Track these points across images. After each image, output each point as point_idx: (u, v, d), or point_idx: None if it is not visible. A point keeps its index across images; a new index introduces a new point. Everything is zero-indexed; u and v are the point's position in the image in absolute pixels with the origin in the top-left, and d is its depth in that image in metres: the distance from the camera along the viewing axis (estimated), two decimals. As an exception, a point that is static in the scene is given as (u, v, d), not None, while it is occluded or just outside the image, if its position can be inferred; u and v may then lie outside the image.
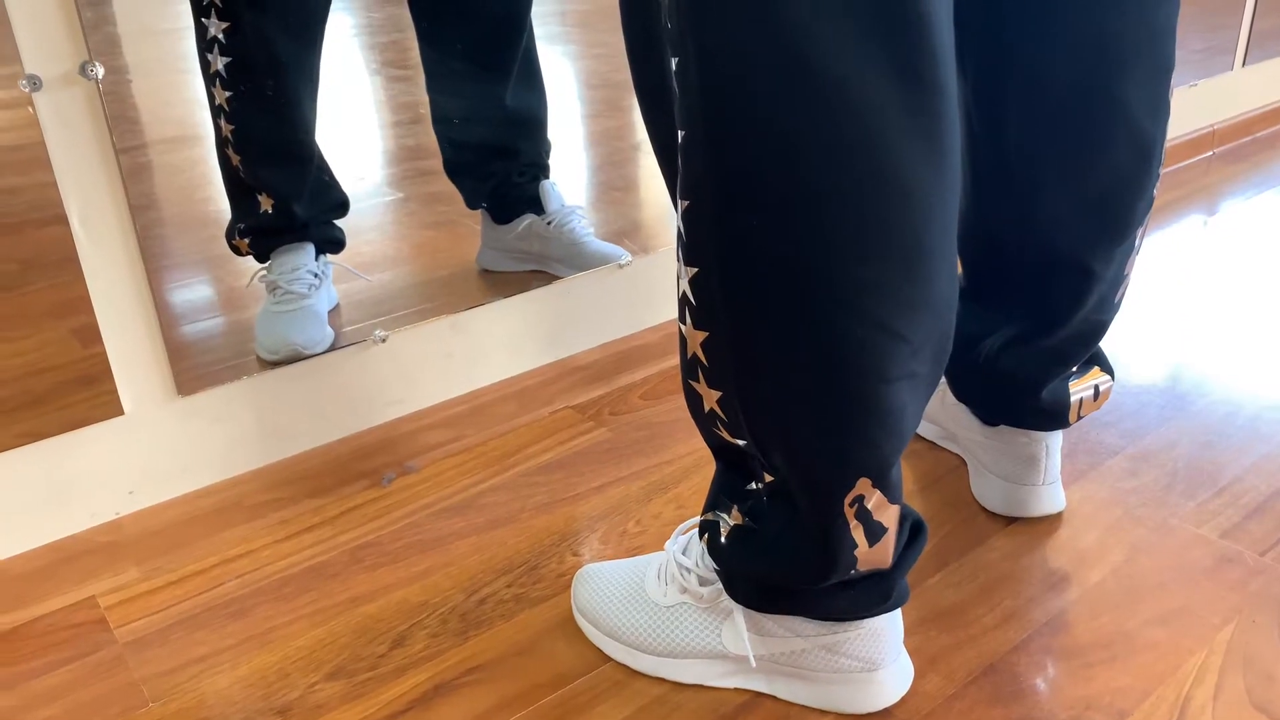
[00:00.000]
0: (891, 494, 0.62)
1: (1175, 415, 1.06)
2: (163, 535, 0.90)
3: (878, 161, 0.52)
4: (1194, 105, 1.84)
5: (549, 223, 1.44)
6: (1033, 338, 0.81)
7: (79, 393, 0.96)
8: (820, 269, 0.55)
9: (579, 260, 1.44)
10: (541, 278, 1.26)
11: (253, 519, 0.93)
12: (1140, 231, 0.77)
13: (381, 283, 1.50)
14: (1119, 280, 0.79)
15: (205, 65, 1.19)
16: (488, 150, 1.40)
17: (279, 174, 1.25)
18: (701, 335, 0.60)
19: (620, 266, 1.15)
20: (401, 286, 1.49)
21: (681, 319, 0.62)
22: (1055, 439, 0.88)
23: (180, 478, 0.90)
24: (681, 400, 1.14)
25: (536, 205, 1.44)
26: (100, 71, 0.76)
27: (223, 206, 1.23)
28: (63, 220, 0.80)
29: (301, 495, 0.96)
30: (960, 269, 0.84)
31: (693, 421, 0.67)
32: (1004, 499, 0.90)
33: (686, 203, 0.59)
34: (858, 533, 0.62)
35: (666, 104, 0.61)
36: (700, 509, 0.93)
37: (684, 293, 0.61)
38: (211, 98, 1.22)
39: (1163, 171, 1.81)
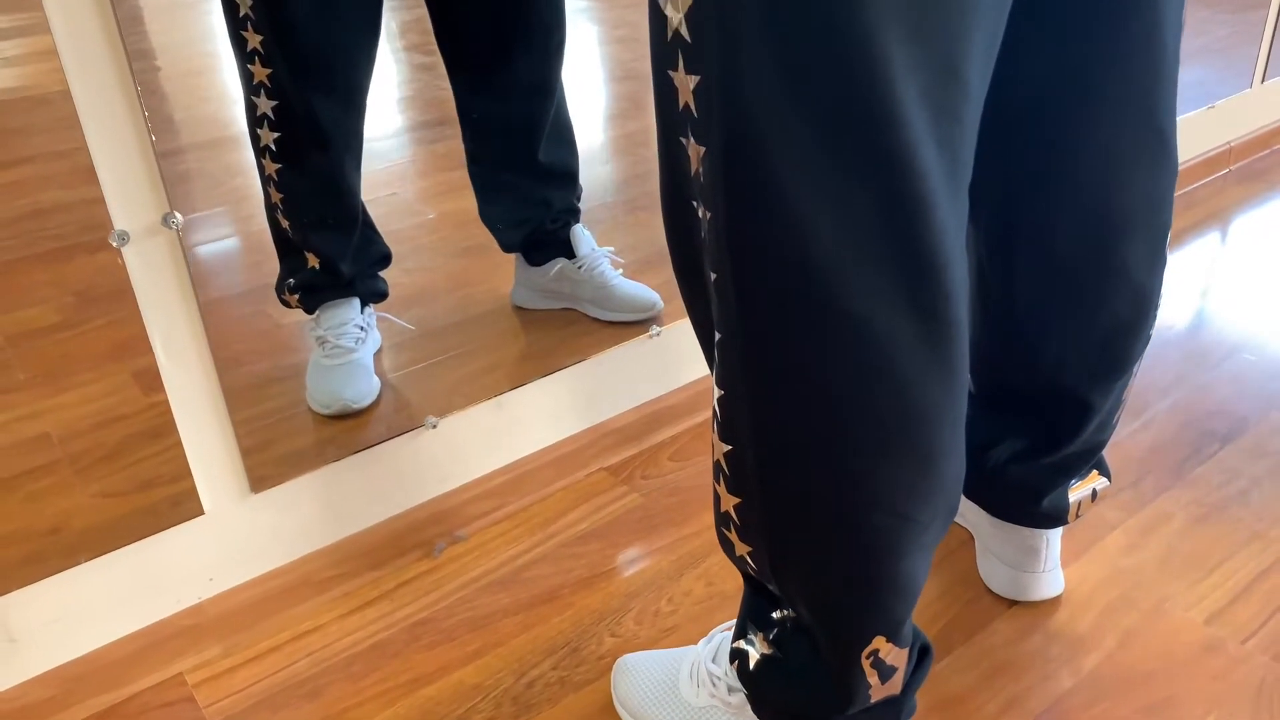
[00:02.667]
0: (903, 642, 0.70)
1: (1172, 485, 1.13)
2: (240, 615, 0.99)
3: (898, 387, 0.59)
4: (1212, 125, 1.87)
5: (579, 267, 1.51)
6: (1036, 454, 0.88)
7: (165, 499, 1.05)
8: (846, 472, 0.62)
9: (609, 302, 1.51)
10: (577, 353, 1.33)
11: (319, 594, 1.02)
12: (1138, 364, 0.83)
13: (421, 322, 1.57)
14: (1118, 405, 0.86)
15: (255, 139, 1.26)
16: (521, 201, 1.46)
17: (325, 237, 1.32)
18: (734, 500, 0.68)
19: (651, 337, 1.22)
20: (441, 327, 1.56)
21: (716, 478, 0.70)
22: (1056, 531, 0.95)
23: (253, 562, 0.99)
24: (707, 463, 1.21)
25: (568, 249, 1.50)
26: (180, 220, 0.82)
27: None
28: (148, 351, 0.87)
29: (362, 569, 1.05)
30: (971, 382, 0.91)
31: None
32: (1007, 583, 0.98)
33: (721, 392, 0.66)
34: (872, 676, 0.70)
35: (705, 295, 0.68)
36: (725, 584, 1.01)
37: (718, 460, 0.68)
38: (261, 169, 1.29)
39: (1178, 193, 1.85)
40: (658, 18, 0.61)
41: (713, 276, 0.63)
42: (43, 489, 1.23)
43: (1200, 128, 1.84)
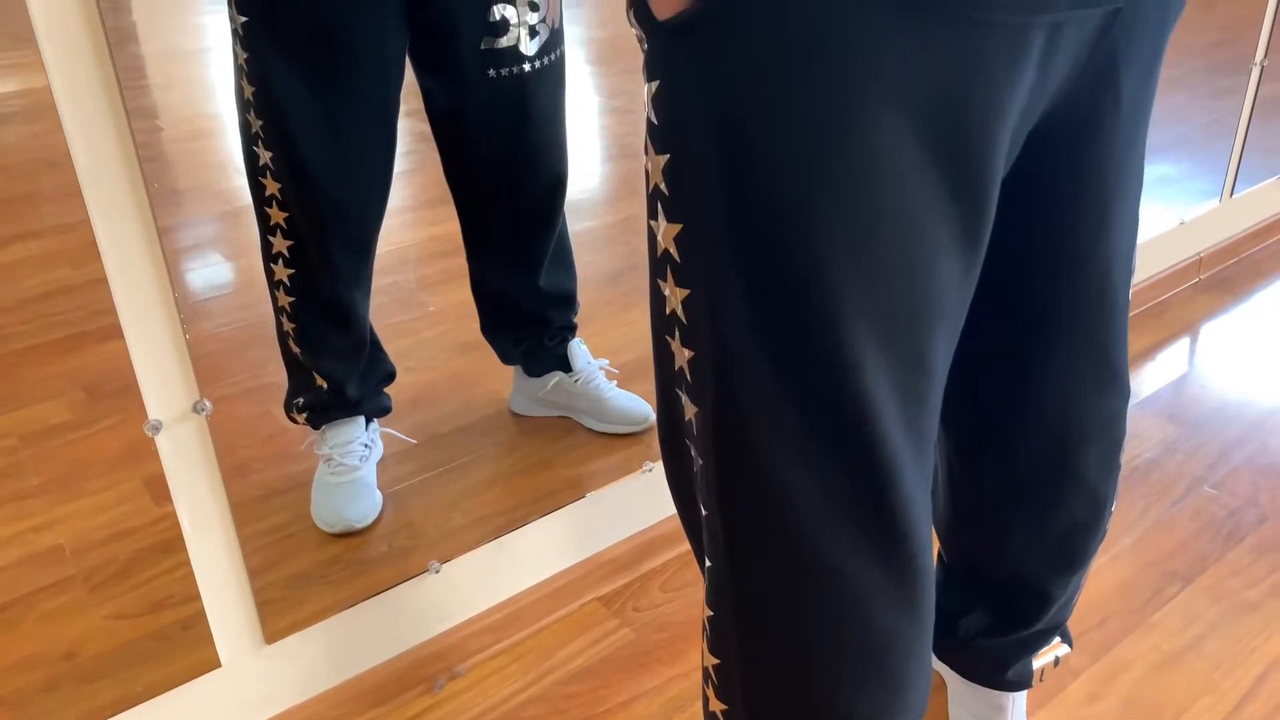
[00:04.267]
0: None
1: (1135, 627, 1.20)
2: (251, 755, 1.04)
3: (871, 628, 0.66)
4: (1183, 239, 1.95)
5: (576, 380, 1.57)
6: (1002, 631, 0.94)
7: (176, 623, 1.10)
8: (824, 697, 0.68)
9: (604, 414, 1.57)
10: (574, 490, 1.39)
11: (326, 732, 1.08)
12: (1092, 558, 0.90)
13: (422, 429, 1.63)
14: (1077, 590, 0.92)
15: (270, 273, 1.32)
16: (521, 322, 1.53)
17: (334, 362, 1.38)
18: (722, 706, 0.74)
19: (645, 472, 1.28)
20: (441, 435, 1.62)
21: (705, 682, 0.76)
22: (1021, 692, 1.01)
23: (266, 705, 1.05)
24: (696, 594, 1.27)
25: (565, 364, 1.57)
26: (209, 407, 0.88)
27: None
28: (175, 525, 0.92)
29: (366, 707, 1.11)
30: (944, 553, 0.97)
31: None
32: (976, 735, 1.04)
33: (711, 613, 0.72)
34: None
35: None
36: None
37: (707, 668, 0.75)
38: (274, 299, 1.35)
39: (1149, 305, 1.92)
40: (657, 294, 0.68)
41: (704, 513, 0.70)
42: (58, 608, 1.28)
43: (1171, 242, 1.92)
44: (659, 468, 1.36)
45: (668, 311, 0.66)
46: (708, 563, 0.72)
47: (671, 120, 0.60)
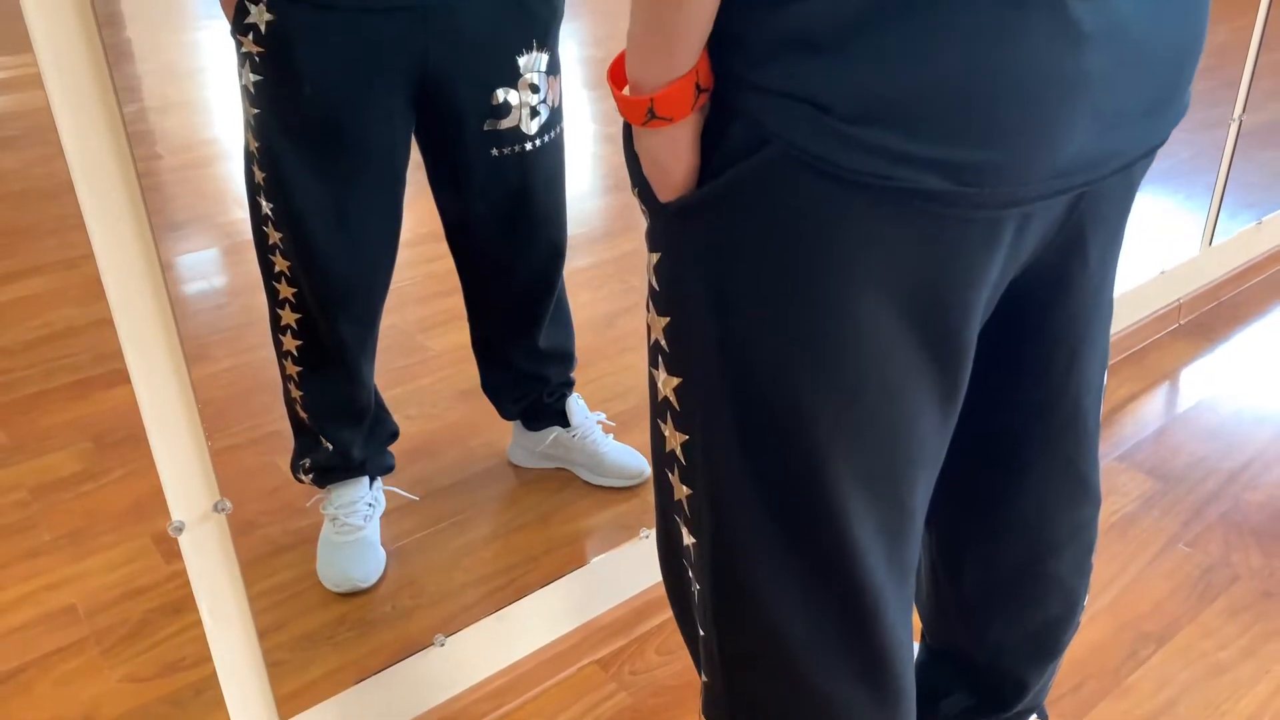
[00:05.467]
0: None
1: (1109, 691, 1.25)
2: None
3: None
4: (1162, 287, 2.00)
5: (573, 435, 1.62)
6: (980, 713, 0.99)
7: (188, 686, 1.15)
8: None
9: (600, 468, 1.62)
10: (571, 547, 1.44)
11: (335, 800, 1.12)
12: (1066, 648, 0.95)
13: (423, 483, 1.68)
14: (1053, 675, 0.98)
15: (278, 343, 1.36)
16: (520, 378, 1.57)
17: (339, 426, 1.42)
18: None
19: (642, 539, 1.33)
20: (442, 488, 1.67)
21: None
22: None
23: (279, 775, 1.09)
24: (690, 657, 1.32)
25: (563, 419, 1.61)
26: (229, 506, 0.93)
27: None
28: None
29: (374, 773, 1.15)
30: (927, 635, 1.02)
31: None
32: (957, 803, 1.10)
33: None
34: None
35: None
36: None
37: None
38: (282, 367, 1.39)
39: (1130, 352, 1.98)
40: (658, 433, 0.72)
41: (701, 633, 0.75)
42: (72, 671, 1.33)
43: (1151, 290, 1.97)
44: (654, 534, 1.41)
45: (667, 450, 0.71)
46: (703, 677, 0.77)
47: (671, 289, 0.65)
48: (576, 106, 4.27)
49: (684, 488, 0.70)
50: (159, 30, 5.38)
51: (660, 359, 0.68)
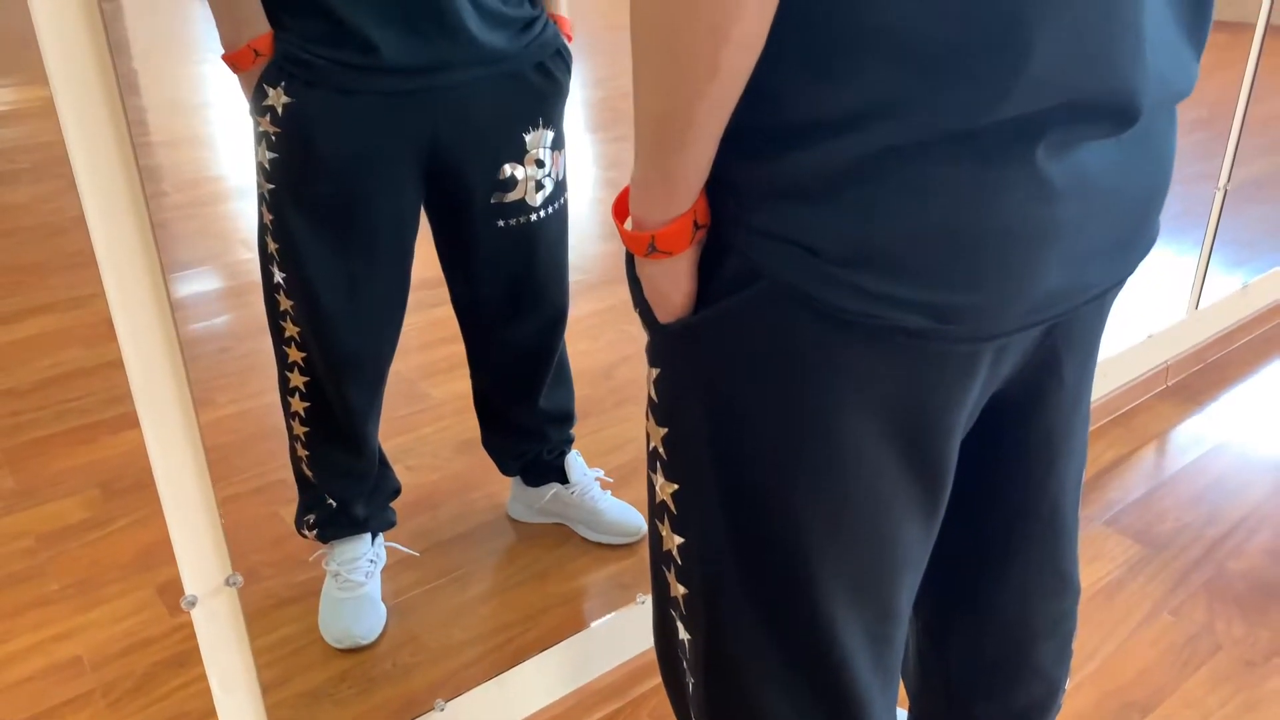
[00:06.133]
0: None
1: (1092, 761, 1.28)
2: None
3: None
4: (1149, 351, 2.04)
5: (572, 492, 1.65)
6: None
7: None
8: None
9: (598, 525, 1.66)
10: (568, 607, 1.47)
11: None
12: None
13: (423, 536, 1.71)
14: None
15: (286, 405, 1.40)
16: (521, 436, 1.61)
17: (344, 484, 1.45)
18: None
19: (638, 604, 1.36)
20: (441, 543, 1.70)
21: None
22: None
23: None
24: None
25: (562, 475, 1.65)
26: (240, 580, 0.96)
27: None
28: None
29: (373, 835, 1.18)
30: (912, 705, 1.05)
31: None
32: None
33: None
34: None
35: None
36: None
37: None
38: (290, 428, 1.43)
39: (1115, 415, 2.01)
40: (655, 533, 0.76)
41: None
42: (79, 725, 1.35)
43: (1138, 354, 2.01)
44: (650, 601, 1.44)
45: (664, 549, 0.75)
46: None
47: (670, 404, 0.69)
48: (577, 150, 4.33)
49: (680, 586, 0.74)
50: (164, 62, 5.46)
51: (659, 465, 0.72)
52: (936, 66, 0.53)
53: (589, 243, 3.08)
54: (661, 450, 0.71)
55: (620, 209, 0.66)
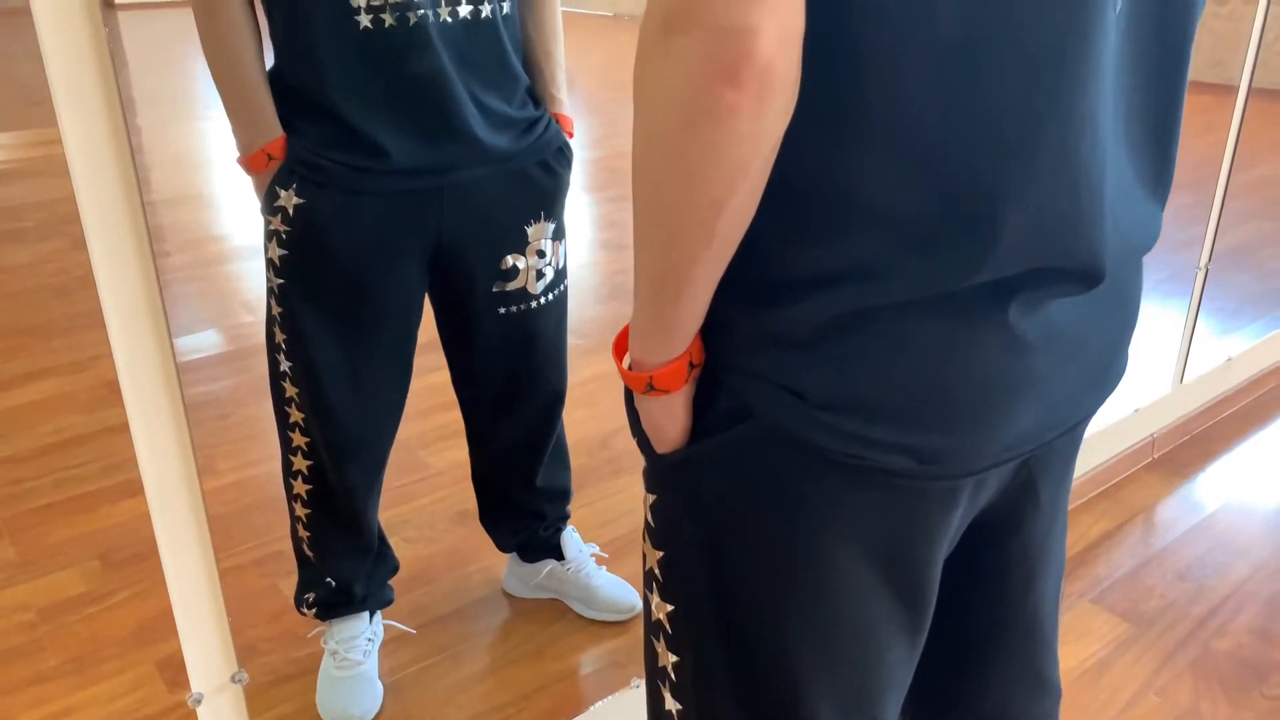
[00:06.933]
0: None
1: (1080, 847, 1.30)
2: None
3: None
4: (1135, 424, 2.08)
5: (568, 569, 1.68)
6: None
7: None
8: None
9: (593, 602, 1.68)
10: (564, 684, 1.49)
11: None
12: None
13: (419, 612, 1.73)
14: None
15: (289, 487, 1.43)
16: (518, 513, 1.63)
17: (343, 564, 1.48)
18: None
19: (633, 689, 1.38)
20: (438, 618, 1.72)
21: None
22: None
23: None
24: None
25: (558, 552, 1.67)
26: (246, 678, 0.99)
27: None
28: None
29: None
30: None
31: None
32: None
33: None
34: None
35: None
36: None
37: None
38: (292, 509, 1.45)
39: (1103, 488, 2.05)
40: (651, 649, 0.79)
41: None
42: (78, 809, 1.36)
43: (1125, 428, 2.05)
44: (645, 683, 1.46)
45: (659, 665, 0.78)
46: None
47: (665, 529, 0.72)
48: (575, 210, 4.40)
49: (675, 702, 0.77)
50: (168, 119, 5.54)
51: (655, 585, 0.75)
52: (913, 237, 0.58)
53: (586, 306, 3.13)
54: (658, 572, 0.74)
55: (620, 347, 0.70)
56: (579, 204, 4.13)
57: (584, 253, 3.51)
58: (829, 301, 0.60)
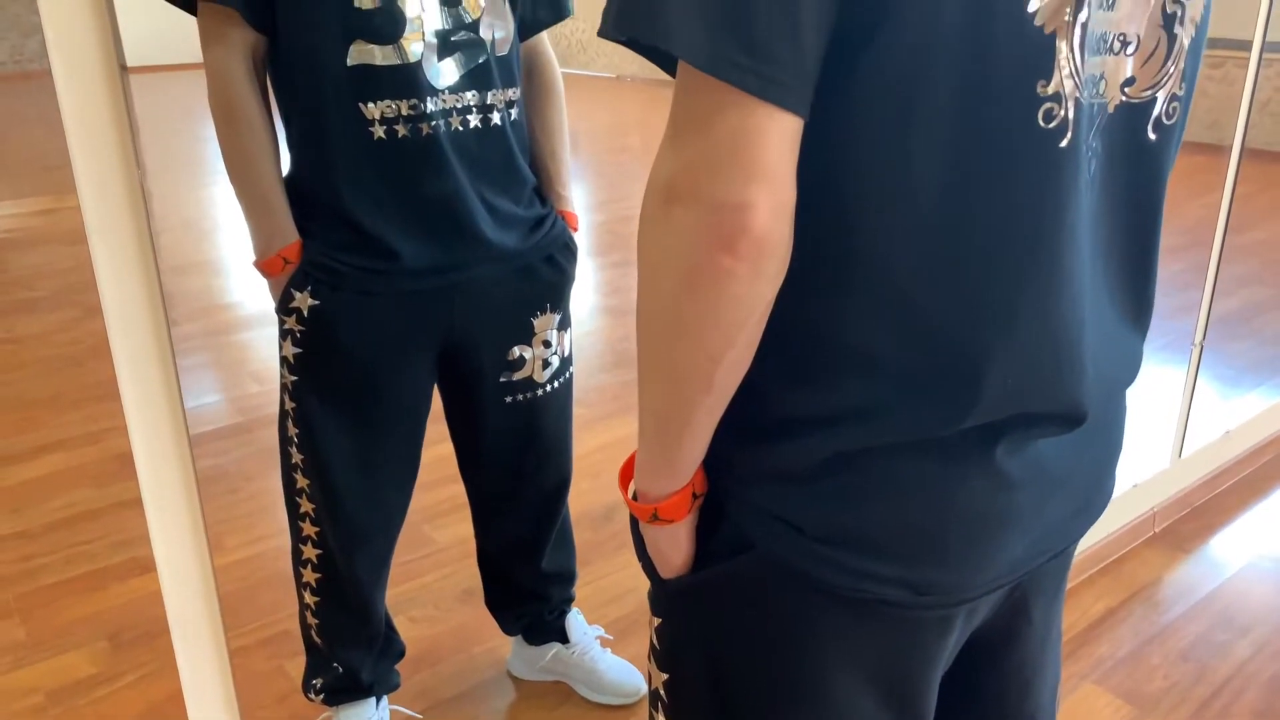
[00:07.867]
0: None
1: None
2: None
3: None
4: (1134, 498, 2.10)
5: (572, 652, 1.69)
6: None
7: None
8: None
9: (598, 685, 1.69)
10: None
11: None
12: None
13: (424, 695, 1.73)
14: None
15: (298, 575, 1.45)
16: (523, 596, 1.65)
17: (351, 651, 1.49)
18: None
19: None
20: (442, 702, 1.72)
21: None
22: None
23: None
24: None
25: (562, 635, 1.68)
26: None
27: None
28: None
29: None
30: None
31: None
32: None
33: None
34: None
35: None
36: None
37: None
38: (301, 596, 1.47)
39: (1105, 563, 2.06)
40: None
41: None
42: None
43: (1125, 503, 2.07)
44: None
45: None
46: None
47: (671, 651, 0.75)
48: (578, 276, 4.45)
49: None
50: (179, 184, 5.62)
51: (660, 706, 0.77)
52: (902, 385, 0.61)
53: (590, 374, 3.15)
54: (663, 693, 0.76)
55: (626, 477, 0.72)
56: (581, 270, 4.17)
57: (587, 320, 3.54)
58: (825, 440, 0.63)
